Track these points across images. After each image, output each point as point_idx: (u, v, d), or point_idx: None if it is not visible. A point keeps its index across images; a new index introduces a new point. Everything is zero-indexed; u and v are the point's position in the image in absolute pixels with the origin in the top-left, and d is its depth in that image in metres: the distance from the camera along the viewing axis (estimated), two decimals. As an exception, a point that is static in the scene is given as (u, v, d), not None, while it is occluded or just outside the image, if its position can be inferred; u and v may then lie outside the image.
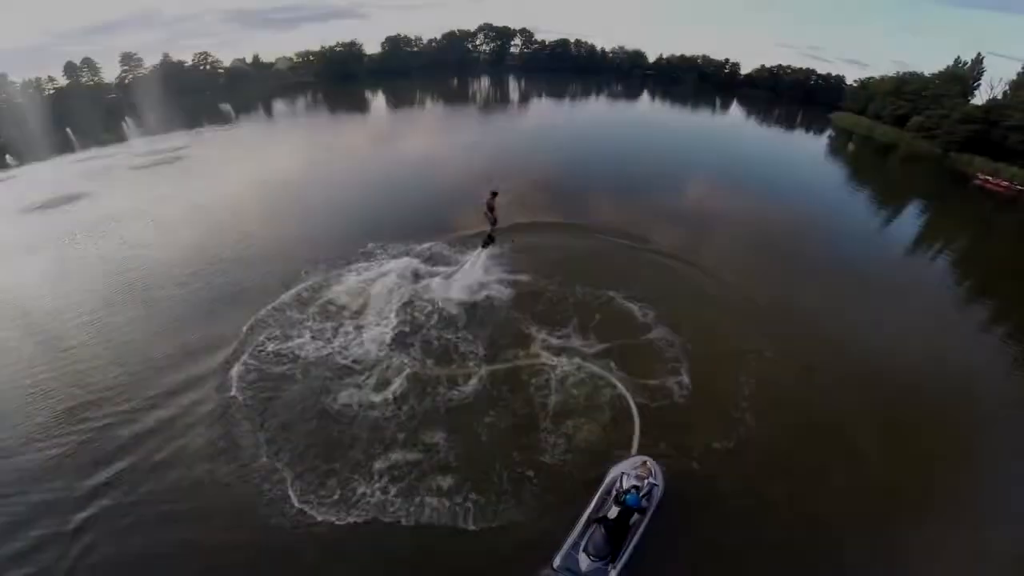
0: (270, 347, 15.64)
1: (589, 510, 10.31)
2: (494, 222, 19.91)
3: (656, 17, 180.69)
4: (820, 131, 74.56)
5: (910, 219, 36.66)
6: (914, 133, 61.57)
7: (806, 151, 60.16)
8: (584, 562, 9.33)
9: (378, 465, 11.56)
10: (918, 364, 17.12)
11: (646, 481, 10.55)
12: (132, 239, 24.50)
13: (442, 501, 10.82)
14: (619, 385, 14.02)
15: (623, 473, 10.85)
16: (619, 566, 9.37)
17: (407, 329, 16.49)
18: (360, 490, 10.99)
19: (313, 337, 16.10)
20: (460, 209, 26.44)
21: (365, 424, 12.74)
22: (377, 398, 13.56)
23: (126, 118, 54.52)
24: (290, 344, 15.77)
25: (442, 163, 37.61)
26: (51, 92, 74.40)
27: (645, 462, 11.25)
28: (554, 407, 13.33)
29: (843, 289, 22.33)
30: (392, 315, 17.15)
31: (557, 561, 9.42)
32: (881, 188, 43.43)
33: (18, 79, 71.36)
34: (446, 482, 11.23)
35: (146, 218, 26.97)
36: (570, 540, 9.76)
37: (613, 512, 9.73)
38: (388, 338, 16.03)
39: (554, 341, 15.94)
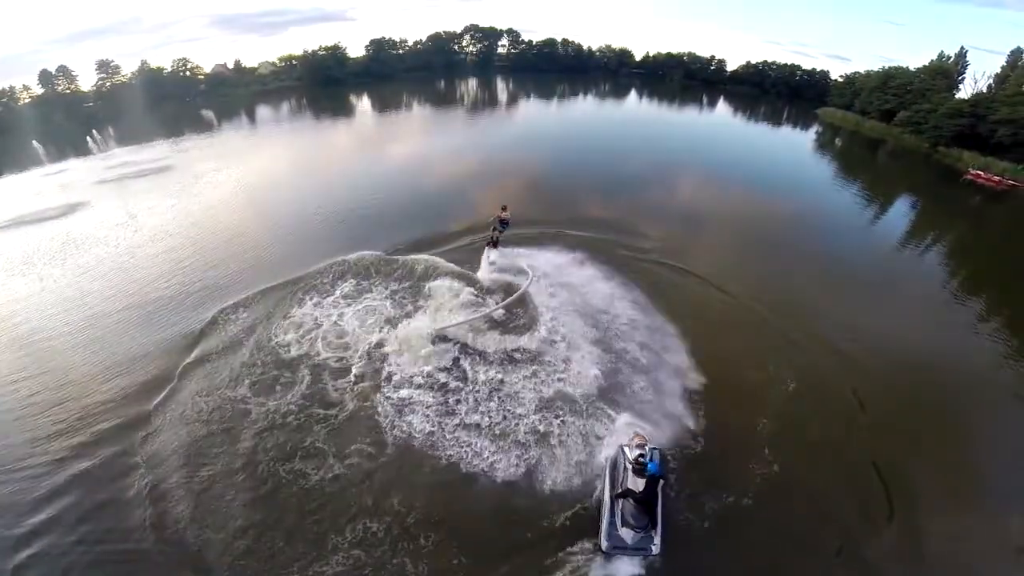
0: (204, 400, 13.79)
1: (607, 490, 10.50)
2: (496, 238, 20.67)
3: (641, 15, 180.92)
4: (807, 127, 74.79)
5: (909, 217, 36.57)
6: (901, 128, 61.71)
7: (794, 147, 59.99)
8: (629, 535, 9.63)
9: (340, 540, 10.09)
10: (953, 375, 16.80)
11: (648, 448, 10.78)
12: (92, 265, 22.57)
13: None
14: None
15: (622, 446, 11.03)
16: (659, 530, 9.74)
17: (383, 373, 14.58)
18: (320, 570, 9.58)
19: (254, 383, 14.24)
20: (444, 221, 25.64)
21: (327, 493, 11.12)
22: (341, 466, 11.72)
23: (93, 131, 51.88)
24: (230, 394, 13.89)
25: (426, 170, 36.60)
26: (26, 102, 72.33)
27: (636, 432, 11.52)
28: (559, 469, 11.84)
29: (853, 295, 21.87)
30: (365, 353, 15.35)
31: (604, 543, 9.60)
32: (873, 184, 43.27)
33: (-6, 88, 69.48)
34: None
35: (107, 243, 24.87)
36: (605, 521, 9.91)
37: (639, 484, 9.87)
38: (360, 383, 14.26)
39: (547, 390, 14.06)
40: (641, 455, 10.46)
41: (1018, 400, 15.95)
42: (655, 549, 9.55)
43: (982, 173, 44.87)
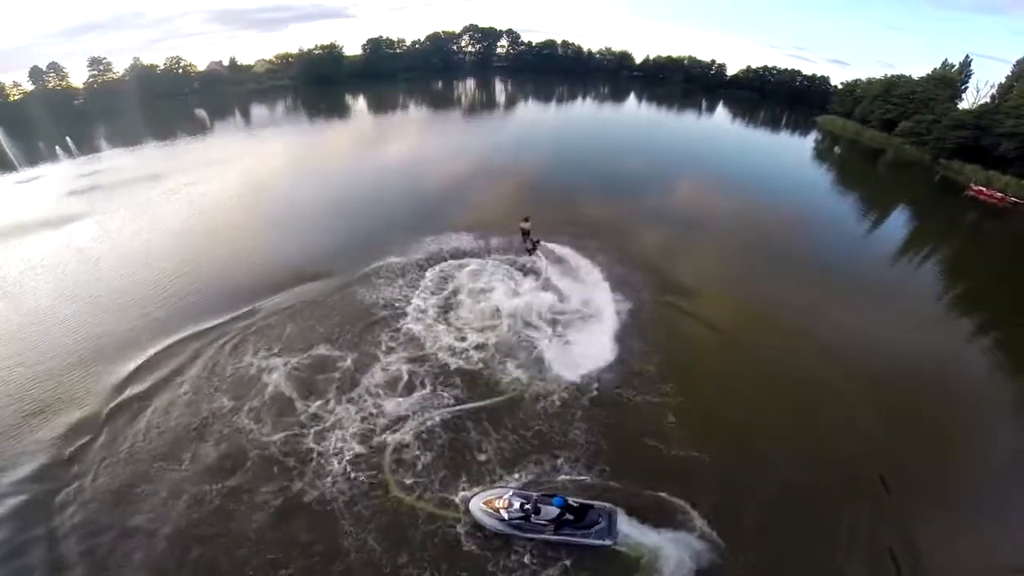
0: (126, 463, 12.68)
1: (545, 536, 11.07)
2: (532, 245, 22.07)
3: (641, 18, 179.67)
4: (806, 133, 74.21)
5: (908, 231, 36.16)
6: (903, 138, 60.82)
7: (792, 155, 59.34)
8: (602, 526, 11.10)
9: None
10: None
11: (513, 498, 11.37)
12: (42, 294, 20.99)
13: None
14: None
15: (501, 521, 11.10)
16: (594, 502, 11.62)
17: (337, 452, 13.05)
18: None
19: (183, 449, 12.91)
20: (422, 240, 24.37)
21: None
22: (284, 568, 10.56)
23: (67, 138, 49.92)
24: (150, 469, 12.57)
25: (417, 182, 35.58)
26: (17, 98, 70.99)
27: (484, 500, 11.48)
28: None
29: (848, 312, 21.64)
30: (313, 425, 13.71)
31: (605, 542, 10.98)
32: (873, 196, 42.93)
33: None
34: None
35: (58, 270, 23.11)
36: (580, 540, 11.03)
37: (565, 515, 11.00)
38: (308, 463, 12.77)
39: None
40: (524, 503, 11.16)
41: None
42: (611, 506, 11.59)
43: (984, 189, 43.99)
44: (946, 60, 66.07)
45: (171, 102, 73.96)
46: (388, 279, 20.94)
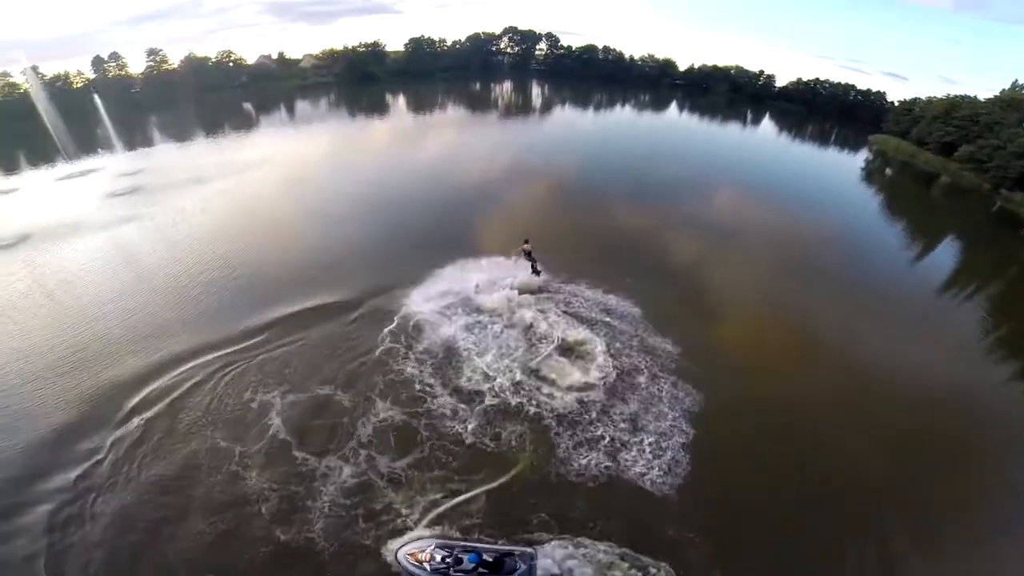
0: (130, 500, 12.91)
1: None
2: (534, 265, 23.23)
3: (688, 24, 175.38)
4: (856, 151, 71.34)
5: (957, 263, 34.59)
6: (961, 164, 57.30)
7: (841, 174, 57.35)
8: (523, 566, 11.35)
9: None
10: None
11: (436, 551, 11.51)
12: (52, 310, 21.38)
13: None
14: None
15: (424, 572, 11.24)
16: (514, 545, 12.06)
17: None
18: None
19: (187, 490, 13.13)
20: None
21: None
22: None
23: (107, 135, 51.63)
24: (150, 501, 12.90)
25: (450, 192, 36.14)
26: (79, 86, 74.90)
27: (408, 554, 11.56)
28: None
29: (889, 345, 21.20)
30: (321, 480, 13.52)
31: (540, 572, 11.37)
32: (924, 224, 41.59)
33: (49, 71, 72.12)
34: None
35: (92, 280, 23.58)
36: None
37: (482, 568, 11.40)
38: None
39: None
40: (445, 555, 11.43)
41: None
42: (531, 550, 11.74)
43: (1049, 226, 41.05)
44: (1016, 81, 62.13)
45: (220, 95, 76.49)
46: (400, 313, 20.49)
